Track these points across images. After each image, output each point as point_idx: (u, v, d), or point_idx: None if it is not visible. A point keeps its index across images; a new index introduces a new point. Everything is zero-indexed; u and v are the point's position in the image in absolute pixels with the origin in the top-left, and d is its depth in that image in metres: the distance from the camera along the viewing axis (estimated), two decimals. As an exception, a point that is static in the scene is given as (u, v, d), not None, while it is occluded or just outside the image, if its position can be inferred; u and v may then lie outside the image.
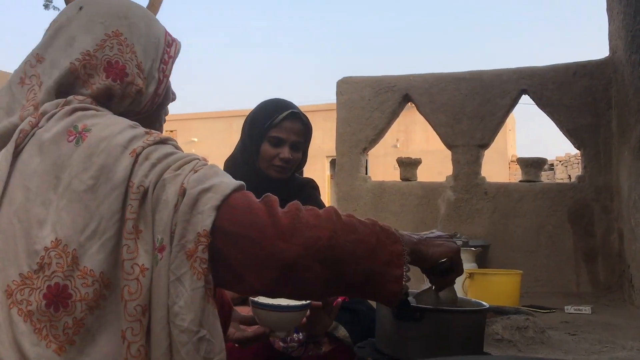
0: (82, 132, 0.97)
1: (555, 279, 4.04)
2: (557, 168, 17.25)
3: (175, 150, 1.02)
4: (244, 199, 0.95)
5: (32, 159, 0.97)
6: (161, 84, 1.16)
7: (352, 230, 0.98)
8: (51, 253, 0.91)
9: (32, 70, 1.08)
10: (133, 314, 0.91)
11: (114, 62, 1.08)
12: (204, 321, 0.91)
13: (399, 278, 1.00)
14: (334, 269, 0.96)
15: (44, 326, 0.91)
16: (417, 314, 1.46)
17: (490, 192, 4.20)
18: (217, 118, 19.18)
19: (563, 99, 4.04)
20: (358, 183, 4.48)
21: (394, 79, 4.44)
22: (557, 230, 4.06)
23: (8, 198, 0.96)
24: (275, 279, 0.94)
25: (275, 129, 2.05)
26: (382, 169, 15.63)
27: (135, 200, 0.93)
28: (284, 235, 0.92)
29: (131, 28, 1.12)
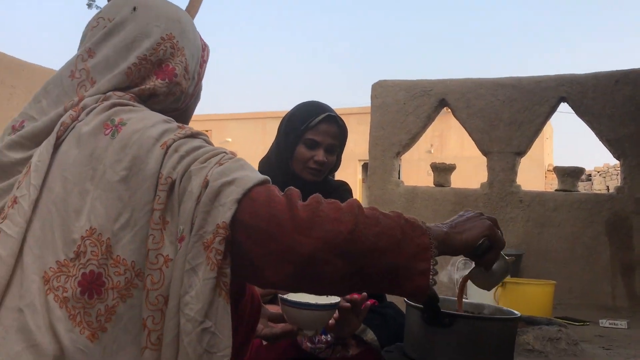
0: (117, 126, 1.00)
1: (590, 292, 3.95)
2: (594, 179, 16.90)
3: (205, 143, 1.03)
4: (266, 193, 0.94)
5: (71, 150, 1.00)
6: (197, 85, 1.22)
7: (374, 223, 0.95)
8: (86, 241, 0.94)
9: (83, 64, 1.11)
10: (154, 302, 0.93)
11: (164, 65, 1.13)
12: (211, 313, 0.91)
13: (426, 272, 0.95)
14: (355, 263, 0.94)
15: (78, 312, 0.93)
16: (446, 319, 1.44)
17: (525, 201, 4.14)
18: (251, 119, 19.35)
19: (604, 108, 3.96)
20: (390, 187, 4.46)
21: (430, 83, 4.41)
22: (593, 242, 3.97)
23: (48, 187, 0.99)
24: (293, 274, 0.93)
25: (312, 131, 2.05)
26: (416, 174, 15.53)
27: (163, 191, 0.95)
28: (303, 229, 0.91)
29: (182, 32, 1.17)
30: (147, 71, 1.12)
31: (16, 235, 0.96)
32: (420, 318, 1.49)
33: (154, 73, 1.12)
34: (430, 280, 0.97)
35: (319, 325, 1.36)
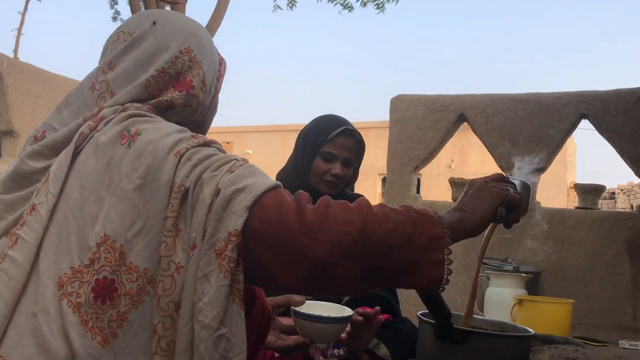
0: (133, 136, 1.03)
1: (610, 312, 3.88)
2: (618, 197, 16.66)
3: (217, 151, 1.05)
4: (276, 198, 0.95)
5: (88, 159, 1.03)
6: (214, 97, 1.25)
7: (384, 221, 0.95)
8: (101, 248, 0.96)
9: (104, 76, 1.15)
10: (165, 309, 0.94)
11: (182, 78, 1.16)
12: (226, 320, 0.91)
13: (440, 262, 0.96)
14: (367, 262, 0.94)
15: (91, 318, 0.95)
16: (459, 335, 1.43)
17: (544, 218, 4.09)
18: (271, 132, 19.46)
19: (626, 125, 3.91)
20: (408, 201, 4.44)
21: (449, 98, 4.40)
22: (613, 261, 3.91)
23: (65, 195, 1.01)
24: (305, 278, 0.94)
25: (329, 144, 2.06)
26: (436, 189, 15.46)
27: (176, 199, 0.97)
28: (312, 232, 0.91)
29: (200, 45, 1.20)
30: (165, 83, 1.14)
31: (33, 241, 0.98)
32: (433, 334, 1.48)
33: (172, 85, 1.15)
34: (445, 270, 0.96)
35: (331, 339, 1.36)
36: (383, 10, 8.47)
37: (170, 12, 1.30)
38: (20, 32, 12.41)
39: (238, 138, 20.17)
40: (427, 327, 1.52)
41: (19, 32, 12.39)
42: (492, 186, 1.09)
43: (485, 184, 1.10)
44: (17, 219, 1.03)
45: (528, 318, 2.92)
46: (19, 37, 12.40)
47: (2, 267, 0.97)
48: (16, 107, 5.05)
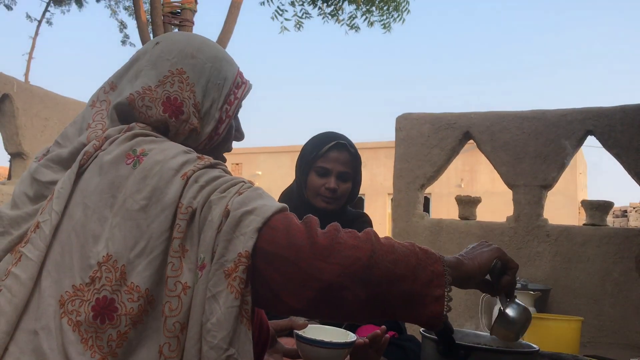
0: (139, 156, 1.03)
1: (620, 330, 3.83)
2: (630, 215, 16.53)
3: (224, 173, 1.05)
4: (284, 220, 0.96)
5: (92, 178, 1.03)
6: (222, 123, 1.18)
7: (391, 251, 0.97)
8: (102, 267, 0.96)
9: (105, 96, 1.16)
10: (172, 330, 0.94)
11: (172, 98, 1.12)
12: (235, 340, 0.92)
13: (440, 298, 0.98)
14: (373, 289, 0.95)
15: (90, 337, 0.94)
16: (462, 352, 1.42)
17: (552, 235, 4.06)
18: (281, 152, 19.51)
19: (632, 141, 3.89)
20: (415, 220, 4.42)
21: (455, 116, 4.40)
22: (623, 278, 3.86)
23: (69, 214, 1.02)
24: (313, 299, 0.95)
25: (322, 159, 2.07)
26: (446, 208, 15.38)
27: (183, 220, 0.97)
28: (322, 255, 0.93)
29: (195, 68, 1.15)
30: (153, 101, 1.12)
31: (36, 259, 0.99)
32: (436, 350, 1.46)
33: (161, 104, 1.12)
34: (445, 307, 0.98)
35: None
36: (390, 29, 8.52)
37: (177, 34, 1.26)
38: (31, 56, 12.63)
39: (247, 159, 20.24)
40: (429, 344, 1.51)
41: (30, 56, 12.61)
42: (491, 244, 1.13)
43: (489, 244, 1.14)
44: (22, 236, 1.03)
45: (536, 336, 2.89)
46: (29, 61, 12.62)
47: (5, 284, 0.97)
48: (26, 130, 5.11)
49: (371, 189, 17.45)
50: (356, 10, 8.56)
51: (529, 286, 3.57)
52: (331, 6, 8.52)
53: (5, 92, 4.90)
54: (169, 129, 1.13)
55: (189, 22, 6.71)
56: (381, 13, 8.45)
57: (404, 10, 8.31)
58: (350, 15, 8.65)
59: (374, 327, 1.98)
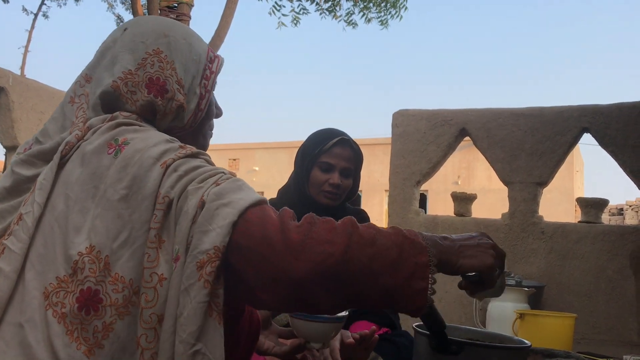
0: (121, 145, 1.02)
1: (614, 327, 3.84)
2: (626, 213, 16.58)
3: (205, 163, 1.03)
4: (260, 214, 0.94)
5: (74, 169, 1.03)
6: (203, 98, 1.19)
7: (369, 244, 0.93)
8: (85, 258, 0.95)
9: (82, 89, 1.15)
10: (148, 321, 0.93)
11: (154, 78, 1.12)
12: (203, 335, 0.90)
13: (423, 291, 0.95)
14: (348, 285, 0.93)
15: (76, 328, 0.94)
16: (454, 347, 1.43)
17: (547, 232, 4.07)
18: (278, 148, 19.51)
19: (628, 139, 3.90)
20: (410, 216, 4.43)
21: (451, 113, 4.41)
22: (617, 275, 3.88)
23: (51, 205, 1.01)
24: (286, 296, 0.93)
25: (325, 155, 2.07)
26: (442, 205, 15.40)
27: (159, 210, 0.96)
28: (294, 251, 0.90)
29: (171, 46, 1.16)
30: (136, 85, 1.12)
31: (19, 251, 0.98)
32: (429, 345, 1.47)
33: (145, 86, 1.12)
34: (427, 299, 0.95)
35: (326, 339, 1.37)
36: (387, 26, 8.52)
37: (143, 17, 1.26)
38: (27, 50, 12.59)
39: (244, 155, 20.22)
40: (422, 339, 1.51)
41: (26, 50, 12.58)
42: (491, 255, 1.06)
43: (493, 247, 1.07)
44: (6, 229, 1.03)
45: (530, 332, 2.90)
46: (25, 54, 12.59)
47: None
48: (21, 123, 5.09)
49: (368, 185, 17.46)
50: (354, 6, 8.55)
51: (523, 283, 3.58)
52: (328, 2, 8.51)
53: (1, 86, 4.88)
54: (155, 112, 1.13)
55: (186, 17, 6.69)
56: (379, 10, 8.44)
57: (401, 6, 8.30)
58: (348, 11, 8.64)
59: (366, 323, 1.99)
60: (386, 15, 8.46)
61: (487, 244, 1.07)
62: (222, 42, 6.98)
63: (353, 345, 1.58)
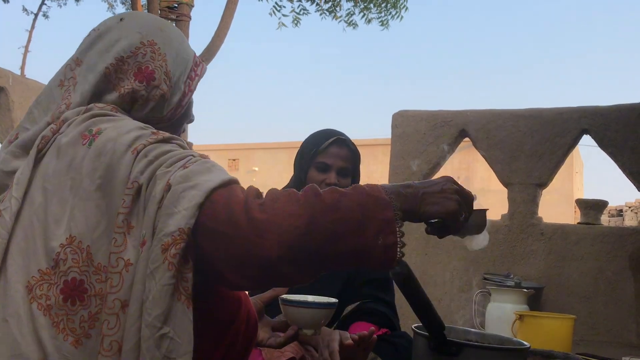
0: (95, 135, 1.02)
1: (613, 328, 3.84)
2: (626, 214, 16.57)
3: (177, 148, 1.03)
4: (226, 194, 0.93)
5: (51, 162, 1.04)
6: (185, 96, 1.23)
7: (333, 209, 0.93)
8: (67, 249, 0.96)
9: (71, 73, 1.16)
10: (111, 307, 0.93)
11: (144, 67, 1.15)
12: (170, 319, 0.90)
13: (393, 246, 0.95)
14: (316, 254, 0.92)
15: (61, 320, 0.94)
16: (453, 348, 1.43)
17: (546, 233, 4.07)
18: (278, 149, 19.50)
19: (627, 140, 3.90)
20: (410, 217, 4.42)
21: (450, 114, 4.41)
22: (616, 277, 3.87)
23: (29, 199, 1.02)
24: (256, 277, 0.93)
25: (322, 155, 2.07)
26: (441, 206, 15.36)
27: (128, 195, 0.96)
28: (258, 230, 0.89)
29: (165, 40, 1.19)
30: (125, 72, 1.13)
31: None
32: (427, 346, 1.48)
33: (134, 75, 1.13)
34: (398, 252, 0.95)
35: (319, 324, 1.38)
36: (387, 26, 8.52)
37: (139, 12, 1.32)
38: (27, 50, 12.57)
39: (244, 155, 20.23)
40: (421, 340, 1.52)
41: (26, 50, 12.56)
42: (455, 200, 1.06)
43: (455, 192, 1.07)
44: None
45: (529, 334, 2.90)
46: (25, 54, 12.57)
47: None
48: (21, 123, 5.09)
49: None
50: (354, 7, 8.55)
51: (522, 284, 3.58)
52: (329, 2, 8.51)
53: (1, 85, 4.89)
54: (137, 98, 1.14)
55: (186, 17, 6.69)
56: (379, 10, 8.44)
57: (401, 7, 8.31)
58: (348, 12, 8.65)
59: (365, 324, 1.99)
60: (386, 15, 8.46)
61: (451, 189, 1.07)
62: (222, 42, 6.99)
63: (352, 347, 1.59)
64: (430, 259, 4.34)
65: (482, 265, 4.13)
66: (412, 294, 1.37)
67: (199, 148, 14.21)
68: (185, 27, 6.61)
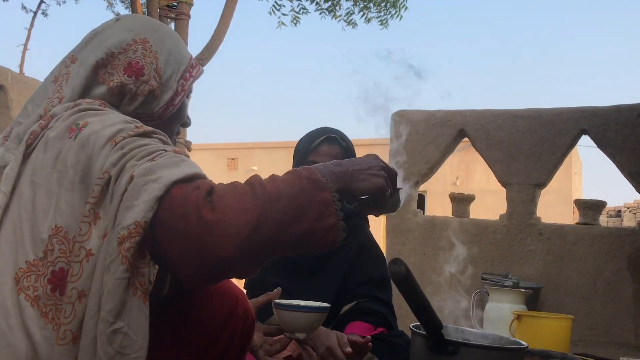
0: (80, 128, 1.03)
1: (611, 329, 3.84)
2: (624, 215, 16.60)
3: (155, 142, 1.03)
4: (185, 190, 0.92)
5: (39, 156, 1.04)
6: (178, 95, 1.23)
7: (278, 198, 0.93)
8: (54, 240, 0.96)
9: (66, 69, 1.18)
10: (69, 296, 0.93)
11: (134, 62, 1.16)
12: (124, 314, 0.89)
13: (334, 227, 0.97)
14: (266, 246, 0.93)
15: (50, 310, 0.94)
16: (451, 347, 1.43)
17: (545, 233, 4.07)
18: (277, 148, 19.47)
19: (626, 141, 3.90)
20: (408, 217, 4.43)
21: (449, 114, 4.41)
22: (614, 277, 3.88)
23: (18, 193, 1.03)
24: (208, 274, 0.93)
25: (313, 154, 2.07)
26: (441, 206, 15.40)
27: (98, 185, 0.96)
28: (208, 229, 0.89)
29: (158, 39, 1.21)
30: (115, 67, 1.15)
31: None
32: (425, 346, 1.48)
33: (123, 70, 1.15)
34: (339, 234, 0.97)
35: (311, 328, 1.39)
36: (387, 26, 8.51)
37: (137, 14, 1.35)
38: (26, 48, 12.56)
39: (243, 154, 20.20)
40: (419, 339, 1.52)
41: (25, 48, 12.55)
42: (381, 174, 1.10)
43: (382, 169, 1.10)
44: None
45: (527, 334, 2.90)
46: (24, 53, 12.56)
47: None
48: (20, 121, 5.09)
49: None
50: (353, 6, 8.55)
51: (520, 284, 3.58)
52: (328, 2, 8.51)
53: (0, 84, 4.89)
54: (125, 93, 1.15)
55: (185, 16, 6.68)
56: (378, 9, 8.43)
57: (401, 6, 8.30)
58: (348, 11, 8.64)
59: (362, 324, 1.99)
60: (386, 15, 8.46)
61: (378, 165, 1.10)
62: (221, 41, 6.98)
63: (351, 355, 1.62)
64: (429, 259, 4.34)
65: (481, 265, 4.14)
66: (410, 294, 1.37)
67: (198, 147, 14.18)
68: (184, 25, 6.60)
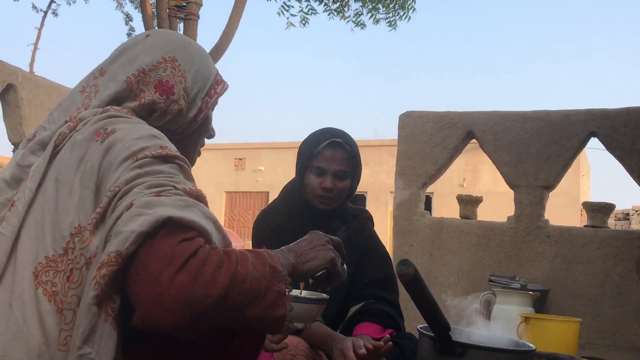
0: (108, 133, 1.06)
1: (620, 332, 3.82)
2: (632, 217, 16.51)
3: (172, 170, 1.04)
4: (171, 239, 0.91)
5: (65, 156, 1.07)
6: (201, 112, 1.27)
7: (244, 280, 0.94)
8: (75, 238, 0.98)
9: (94, 81, 1.21)
10: (69, 302, 0.95)
11: (164, 81, 1.19)
12: (92, 340, 0.90)
13: (282, 318, 0.99)
14: (216, 318, 0.93)
15: None
16: (459, 349, 1.43)
17: (553, 236, 4.05)
18: (284, 148, 19.48)
19: (635, 144, 3.88)
20: (416, 218, 4.43)
21: (457, 115, 4.40)
22: (623, 280, 3.86)
23: (43, 190, 1.05)
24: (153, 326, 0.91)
25: (317, 158, 2.03)
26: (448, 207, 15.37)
27: (106, 197, 0.98)
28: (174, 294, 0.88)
29: (187, 58, 1.24)
30: (146, 84, 1.18)
31: (9, 234, 1.01)
32: (433, 347, 1.48)
33: (154, 87, 1.18)
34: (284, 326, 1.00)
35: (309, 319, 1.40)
36: (395, 27, 8.50)
37: (167, 30, 1.38)
38: (36, 47, 12.64)
39: (250, 154, 20.23)
40: (426, 341, 1.52)
41: (35, 47, 12.62)
42: (328, 248, 1.15)
43: (327, 242, 1.16)
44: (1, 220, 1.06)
45: (534, 336, 2.89)
46: (35, 52, 12.63)
47: None
48: (30, 120, 5.12)
49: (374, 186, 17.43)
50: (362, 7, 8.54)
51: (528, 286, 3.57)
52: (337, 3, 8.51)
53: (10, 82, 4.92)
54: (154, 112, 1.18)
55: (195, 16, 6.70)
56: (387, 11, 8.42)
57: (409, 8, 8.29)
58: (356, 12, 8.64)
59: (371, 325, 1.99)
60: (394, 16, 8.45)
61: (321, 239, 1.16)
62: (230, 41, 6.99)
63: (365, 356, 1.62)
64: (436, 260, 4.34)
65: (488, 267, 4.13)
66: (419, 295, 1.37)
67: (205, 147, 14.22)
68: (193, 25, 6.62)
